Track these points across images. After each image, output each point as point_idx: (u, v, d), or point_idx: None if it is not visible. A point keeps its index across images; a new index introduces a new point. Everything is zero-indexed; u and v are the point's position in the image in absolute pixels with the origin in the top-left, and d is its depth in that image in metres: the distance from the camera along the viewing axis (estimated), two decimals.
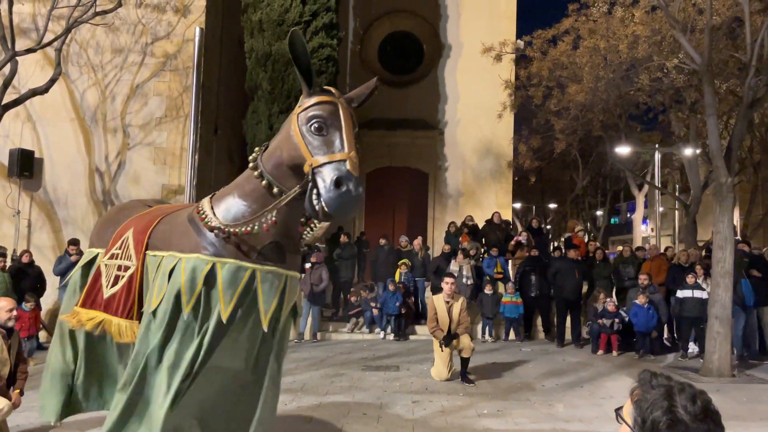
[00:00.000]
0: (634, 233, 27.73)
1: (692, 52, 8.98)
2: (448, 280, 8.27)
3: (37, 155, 11.77)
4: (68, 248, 10.21)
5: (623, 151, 18.12)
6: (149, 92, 12.10)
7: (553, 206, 36.91)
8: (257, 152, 3.39)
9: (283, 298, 3.36)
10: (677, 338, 10.82)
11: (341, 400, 6.91)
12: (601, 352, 10.42)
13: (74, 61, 12.02)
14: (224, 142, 13.74)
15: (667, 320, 10.86)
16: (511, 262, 13.17)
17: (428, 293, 11.23)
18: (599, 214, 38.07)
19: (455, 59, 16.82)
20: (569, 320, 11.48)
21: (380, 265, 12.85)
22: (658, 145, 20.55)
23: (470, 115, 16.32)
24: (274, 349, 3.43)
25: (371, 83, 3.38)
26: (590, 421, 6.28)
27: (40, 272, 10.20)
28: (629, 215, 34.90)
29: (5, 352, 4.79)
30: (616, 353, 10.32)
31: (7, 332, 4.87)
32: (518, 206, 33.84)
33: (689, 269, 10.51)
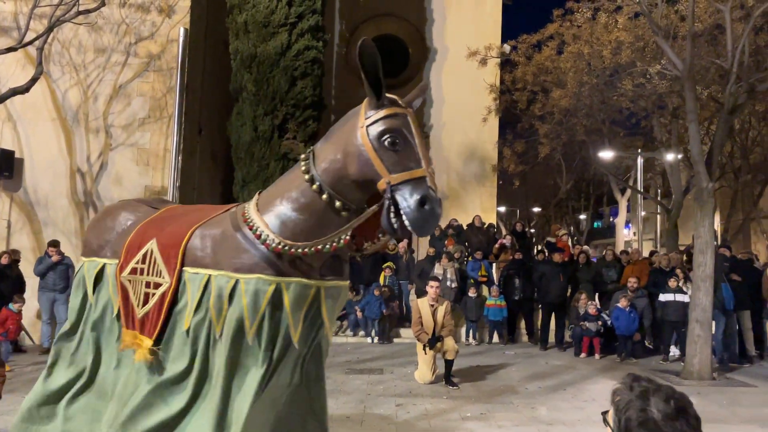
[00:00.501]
0: (616, 237, 27.98)
1: (674, 58, 9.08)
2: (433, 283, 8.30)
3: (17, 155, 11.57)
4: (48, 249, 10.07)
5: (606, 155, 18.29)
6: (132, 93, 11.96)
7: (537, 210, 37.16)
8: (305, 163, 3.13)
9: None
10: (659, 342, 10.92)
11: None
12: (583, 355, 10.48)
13: (56, 60, 11.85)
14: (208, 143, 13.63)
15: (650, 324, 10.96)
16: (495, 265, 13.23)
17: (413, 296, 11.24)
18: (582, 218, 38.45)
19: (441, 63, 16.87)
20: (553, 323, 11.55)
21: (364, 268, 12.81)
22: (640, 150, 20.73)
23: (455, 118, 16.34)
24: (323, 355, 3.45)
25: (423, 86, 3.31)
26: (573, 424, 6.31)
27: (19, 274, 10.04)
28: (612, 219, 35.20)
29: None
30: (598, 356, 10.38)
31: None
32: (503, 210, 34.02)
33: (670, 273, 10.62)
